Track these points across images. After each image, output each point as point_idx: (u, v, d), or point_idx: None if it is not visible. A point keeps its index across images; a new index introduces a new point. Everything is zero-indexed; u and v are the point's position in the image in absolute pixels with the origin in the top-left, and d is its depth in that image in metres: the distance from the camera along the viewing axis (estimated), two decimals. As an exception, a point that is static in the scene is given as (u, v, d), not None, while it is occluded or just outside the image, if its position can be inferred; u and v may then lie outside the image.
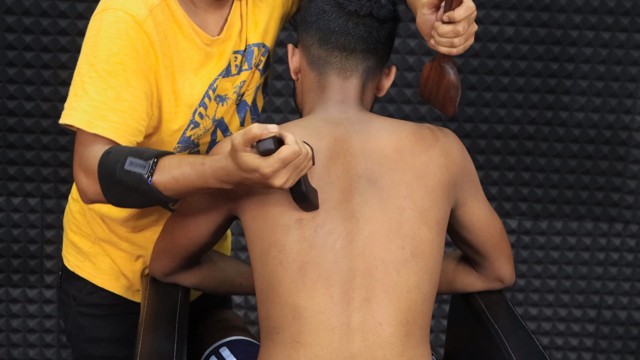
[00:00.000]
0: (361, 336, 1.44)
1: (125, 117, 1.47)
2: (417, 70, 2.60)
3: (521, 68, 2.63)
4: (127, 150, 1.42)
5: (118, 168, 1.40)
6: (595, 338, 2.85)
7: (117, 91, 1.47)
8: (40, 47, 2.49)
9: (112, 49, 1.47)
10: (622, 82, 2.65)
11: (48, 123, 2.55)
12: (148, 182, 1.39)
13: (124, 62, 1.47)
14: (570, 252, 2.79)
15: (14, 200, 2.61)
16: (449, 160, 1.55)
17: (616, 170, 2.72)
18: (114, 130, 1.47)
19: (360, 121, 1.57)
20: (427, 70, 1.58)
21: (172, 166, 1.40)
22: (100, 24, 1.48)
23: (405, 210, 1.48)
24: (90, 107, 1.46)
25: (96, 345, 1.78)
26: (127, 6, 1.48)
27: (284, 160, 1.30)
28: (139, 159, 1.40)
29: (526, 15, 2.58)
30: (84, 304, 1.77)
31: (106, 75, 1.46)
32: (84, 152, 1.47)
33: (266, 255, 1.47)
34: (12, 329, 2.70)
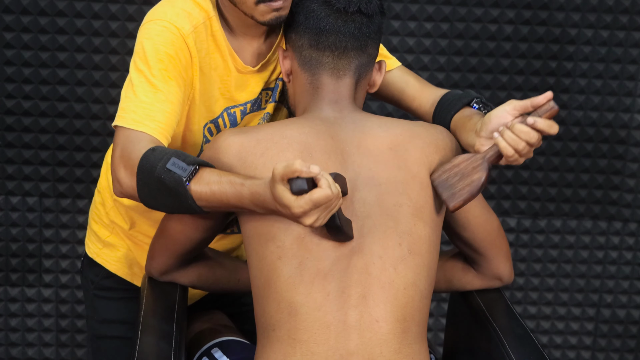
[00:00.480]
0: (358, 333, 1.44)
1: (170, 119, 1.56)
2: (415, 68, 2.60)
3: (520, 66, 2.63)
4: (172, 151, 1.47)
5: (160, 165, 1.45)
6: (594, 336, 2.85)
7: (165, 94, 1.56)
8: (38, 45, 2.49)
9: (159, 55, 1.56)
10: (620, 80, 2.65)
11: (46, 122, 2.55)
12: (185, 186, 1.44)
13: (169, 69, 1.57)
14: (569, 250, 2.79)
15: (12, 199, 2.61)
16: (445, 157, 1.56)
17: (615, 169, 2.72)
18: (160, 130, 1.54)
19: (355, 120, 1.58)
20: (461, 159, 1.53)
21: (212, 178, 1.45)
22: (148, 33, 1.59)
23: (402, 207, 1.49)
24: (139, 107, 1.55)
25: (108, 325, 1.90)
26: (174, 19, 1.59)
27: (315, 203, 1.33)
28: (182, 162, 1.45)
29: (525, 13, 2.58)
30: (100, 287, 1.90)
31: (154, 79, 1.56)
32: (127, 146, 1.53)
33: (264, 249, 1.48)
34: (10, 328, 2.70)
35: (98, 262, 1.89)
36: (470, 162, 1.52)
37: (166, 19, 1.59)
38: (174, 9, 1.60)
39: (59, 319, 2.70)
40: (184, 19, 1.59)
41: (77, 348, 2.72)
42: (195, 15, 1.60)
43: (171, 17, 1.59)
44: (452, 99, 1.70)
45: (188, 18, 1.60)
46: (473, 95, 1.69)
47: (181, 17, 1.59)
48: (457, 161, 1.53)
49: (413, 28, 2.57)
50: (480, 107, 1.67)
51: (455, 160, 1.53)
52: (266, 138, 1.51)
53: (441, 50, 2.60)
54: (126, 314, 1.88)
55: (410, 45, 2.59)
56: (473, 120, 1.60)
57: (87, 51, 2.50)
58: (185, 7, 1.61)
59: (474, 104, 1.67)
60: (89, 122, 2.55)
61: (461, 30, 2.59)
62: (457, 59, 2.61)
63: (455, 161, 1.53)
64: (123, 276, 1.88)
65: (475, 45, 2.60)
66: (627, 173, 2.72)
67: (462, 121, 1.63)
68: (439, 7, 2.56)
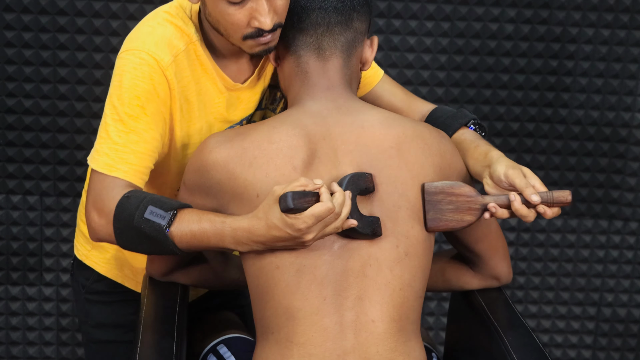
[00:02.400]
0: (354, 333, 1.45)
1: (143, 159, 1.54)
2: (416, 68, 2.60)
3: (520, 65, 2.63)
4: (148, 198, 1.46)
5: (137, 214, 1.45)
6: (595, 335, 2.85)
7: (138, 134, 1.53)
8: (38, 44, 2.49)
9: (135, 91, 1.53)
10: (621, 79, 2.65)
11: (47, 121, 2.55)
12: (165, 233, 1.44)
13: (146, 105, 1.53)
14: (569, 249, 2.79)
15: (13, 198, 2.61)
16: (444, 161, 1.53)
17: (616, 168, 2.72)
18: (133, 172, 1.53)
19: (352, 111, 1.53)
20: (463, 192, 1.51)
21: (192, 220, 1.45)
22: (126, 65, 1.54)
23: (400, 209, 1.48)
24: (112, 150, 1.53)
25: (102, 330, 1.86)
26: (152, 50, 1.54)
27: (317, 217, 1.35)
28: (160, 209, 1.45)
29: (526, 12, 2.58)
30: (91, 291, 1.85)
31: (127, 119, 1.53)
32: (100, 192, 1.52)
33: (261, 260, 1.47)
34: (11, 327, 2.70)
35: (87, 264, 1.84)
36: (470, 201, 1.51)
37: (144, 49, 1.54)
38: (153, 37, 1.55)
39: (60, 318, 2.70)
40: (163, 48, 1.55)
41: (77, 347, 2.72)
42: (176, 42, 1.56)
43: (150, 47, 1.54)
44: (446, 116, 1.69)
45: (168, 47, 1.55)
46: (469, 117, 1.68)
47: (160, 47, 1.55)
48: (459, 191, 1.50)
49: (414, 27, 2.57)
50: (476, 128, 1.67)
51: (458, 189, 1.51)
52: (253, 145, 1.47)
53: (442, 49, 2.60)
54: (119, 317, 1.85)
55: (411, 44, 2.59)
56: (480, 149, 1.59)
57: (88, 50, 2.50)
58: (165, 33, 1.56)
59: (470, 124, 1.67)
60: (89, 120, 2.55)
61: (462, 29, 2.59)
62: (458, 57, 2.60)
63: (456, 190, 1.51)
64: (114, 278, 1.83)
65: (476, 44, 2.60)
66: (627, 172, 2.72)
67: (465, 145, 1.62)
68: (439, 6, 2.56)
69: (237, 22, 1.49)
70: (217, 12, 1.50)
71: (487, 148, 1.59)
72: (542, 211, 1.47)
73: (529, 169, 1.51)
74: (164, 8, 1.62)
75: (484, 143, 1.61)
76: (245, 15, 1.49)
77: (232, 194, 1.48)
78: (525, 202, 1.47)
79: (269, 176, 1.45)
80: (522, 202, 1.47)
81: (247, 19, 1.49)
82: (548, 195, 1.47)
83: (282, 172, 1.45)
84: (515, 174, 1.49)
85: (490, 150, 1.58)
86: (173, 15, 1.59)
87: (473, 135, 1.65)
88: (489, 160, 1.55)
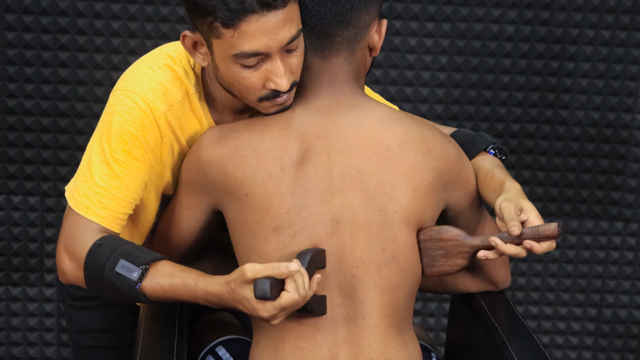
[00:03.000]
0: (345, 328, 1.47)
1: (122, 205, 1.53)
2: (417, 69, 2.60)
3: (521, 66, 2.63)
4: (119, 250, 1.46)
5: (107, 267, 1.45)
6: (596, 336, 2.85)
7: (122, 179, 1.51)
8: (40, 45, 2.49)
9: (124, 136, 1.50)
10: (622, 80, 2.65)
11: (48, 121, 2.55)
12: (136, 288, 1.45)
13: (133, 151, 1.51)
14: (570, 250, 2.79)
15: (14, 198, 2.61)
16: (445, 166, 1.52)
17: (616, 169, 2.71)
18: (110, 218, 1.52)
19: (353, 108, 1.51)
20: (451, 236, 1.50)
21: (163, 276, 1.45)
22: (118, 106, 1.52)
23: (388, 213, 1.47)
24: (92, 191, 1.51)
25: (86, 335, 1.85)
26: (148, 95, 1.52)
27: (283, 308, 1.36)
28: (131, 264, 1.45)
29: (526, 13, 2.58)
30: (75, 297, 1.83)
31: (113, 162, 1.51)
32: (73, 235, 1.51)
33: (247, 258, 1.49)
34: (12, 328, 2.70)
35: None
36: (459, 244, 1.51)
37: (140, 93, 1.51)
38: (151, 82, 1.52)
39: (61, 319, 2.70)
40: (159, 96, 1.52)
41: (78, 347, 2.73)
42: (173, 92, 1.53)
43: (146, 92, 1.51)
44: (465, 141, 1.65)
45: (164, 95, 1.52)
46: (489, 141, 1.65)
47: (156, 94, 1.52)
48: (446, 236, 1.50)
49: (415, 28, 2.57)
50: (496, 152, 1.65)
51: (445, 234, 1.50)
52: (244, 144, 1.48)
53: (443, 50, 2.60)
54: (104, 322, 1.83)
55: (412, 45, 2.59)
56: (495, 180, 1.56)
57: (88, 50, 2.50)
58: (164, 80, 1.53)
59: (490, 149, 1.65)
60: (90, 121, 2.55)
61: (463, 30, 2.59)
62: (459, 58, 2.60)
63: (444, 235, 1.50)
64: None
65: (477, 45, 2.60)
66: (628, 173, 2.72)
67: (482, 174, 1.59)
68: (440, 7, 2.56)
69: (252, 85, 1.46)
70: (230, 76, 1.47)
71: (502, 178, 1.56)
72: (529, 247, 1.44)
73: (529, 203, 1.47)
74: (168, 51, 1.58)
75: (500, 172, 1.58)
76: (260, 78, 1.45)
77: (225, 192, 1.49)
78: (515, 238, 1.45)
79: (258, 176, 1.46)
80: (507, 241, 1.45)
81: (262, 81, 1.46)
82: (533, 231, 1.43)
83: (269, 172, 1.46)
84: (505, 207, 1.47)
85: (505, 181, 1.55)
86: (175, 62, 1.55)
87: (491, 162, 1.62)
88: (501, 192, 1.53)
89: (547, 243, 1.45)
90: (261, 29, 1.40)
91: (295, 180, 1.46)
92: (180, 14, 2.49)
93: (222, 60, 1.45)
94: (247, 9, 1.38)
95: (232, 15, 1.38)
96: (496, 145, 1.65)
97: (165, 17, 2.49)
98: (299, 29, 1.45)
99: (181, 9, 2.49)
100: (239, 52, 1.42)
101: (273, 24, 1.40)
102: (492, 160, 1.63)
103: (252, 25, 1.39)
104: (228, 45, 1.42)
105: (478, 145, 1.65)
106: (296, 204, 1.45)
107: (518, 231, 1.43)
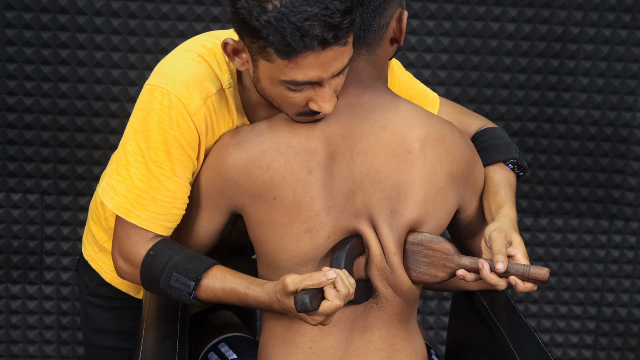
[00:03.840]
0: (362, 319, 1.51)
1: (165, 207, 1.50)
2: (417, 67, 2.60)
3: (522, 65, 2.62)
4: (172, 263, 1.47)
5: (162, 280, 1.47)
6: (596, 335, 2.85)
7: (161, 181, 1.49)
8: (39, 43, 2.48)
9: (160, 136, 1.47)
10: (623, 79, 2.65)
11: (48, 119, 2.54)
12: (190, 298, 1.48)
13: (171, 151, 1.47)
14: (570, 249, 2.79)
15: (14, 196, 2.61)
16: (458, 169, 1.53)
17: (617, 168, 2.71)
18: (151, 221, 1.50)
19: (377, 109, 1.51)
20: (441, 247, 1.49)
21: (216, 284, 1.47)
22: (152, 104, 1.47)
23: (397, 214, 1.49)
24: (131, 193, 1.49)
25: (101, 335, 1.83)
26: (181, 92, 1.47)
27: (327, 314, 1.37)
28: (184, 277, 1.46)
29: (527, 12, 2.58)
30: (94, 294, 1.82)
31: (152, 164, 1.48)
32: (123, 240, 1.52)
33: (276, 258, 1.50)
34: (11, 326, 2.70)
35: (93, 267, 1.80)
36: (446, 258, 1.49)
37: (173, 90, 1.46)
38: (184, 77, 1.47)
39: (60, 317, 2.70)
40: (193, 91, 1.47)
41: (78, 346, 2.72)
42: (208, 85, 1.48)
43: (179, 88, 1.46)
44: (488, 144, 1.63)
45: (198, 89, 1.47)
46: (511, 155, 1.62)
47: (190, 89, 1.46)
48: (437, 247, 1.49)
49: (415, 26, 2.57)
50: (514, 168, 1.62)
51: (436, 245, 1.49)
52: (272, 148, 1.47)
53: (443, 48, 2.59)
54: (120, 324, 1.83)
55: (412, 43, 2.59)
56: (497, 199, 1.55)
57: (88, 48, 2.49)
58: (197, 73, 1.48)
59: (509, 163, 1.62)
60: (90, 119, 2.55)
61: (463, 29, 2.58)
62: (459, 57, 2.60)
63: (435, 245, 1.49)
64: (118, 286, 1.80)
65: (477, 44, 2.60)
66: (629, 172, 2.72)
67: (489, 186, 1.58)
68: (441, 5, 2.56)
69: (295, 104, 1.43)
70: (273, 92, 1.43)
71: (503, 200, 1.55)
72: (513, 283, 1.42)
73: (519, 239, 1.46)
74: (202, 40, 1.54)
75: (505, 191, 1.56)
76: (305, 98, 1.41)
77: (250, 195, 1.49)
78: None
79: (286, 180, 1.46)
80: (491, 270, 1.43)
81: (306, 101, 1.42)
82: (524, 269, 1.41)
83: (298, 176, 1.46)
84: (496, 238, 1.45)
85: (504, 205, 1.54)
86: (209, 54, 1.51)
87: (502, 176, 1.60)
88: (496, 215, 1.52)
89: (531, 284, 1.43)
90: (317, 62, 1.35)
91: (322, 182, 1.47)
92: (180, 11, 2.49)
93: (267, 79, 1.41)
94: (308, 46, 1.32)
95: (289, 50, 1.33)
96: (516, 162, 1.62)
97: (165, 14, 2.48)
98: (351, 55, 1.41)
99: (181, 6, 2.48)
100: (290, 80, 1.38)
101: (330, 57, 1.35)
102: (505, 174, 1.61)
103: (308, 59, 1.34)
104: (278, 71, 1.37)
105: (499, 155, 1.62)
106: (325, 205, 1.46)
107: (503, 268, 1.41)
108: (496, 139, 1.65)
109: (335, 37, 1.32)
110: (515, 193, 1.60)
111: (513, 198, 1.57)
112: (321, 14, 1.30)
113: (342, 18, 1.32)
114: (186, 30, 2.49)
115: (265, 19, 1.31)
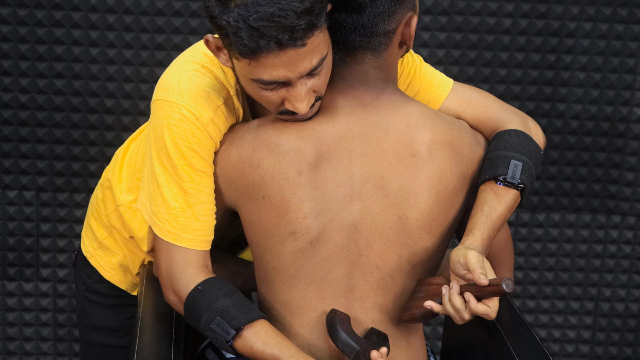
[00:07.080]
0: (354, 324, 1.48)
1: (206, 222, 1.49)
2: (414, 62, 2.59)
3: (518, 60, 2.62)
4: (217, 305, 1.43)
5: (204, 319, 1.44)
6: (593, 330, 2.85)
7: (195, 196, 1.47)
8: (34, 39, 2.48)
9: (181, 151, 1.45)
10: (619, 73, 2.65)
11: (43, 115, 2.54)
12: (227, 346, 1.44)
13: (194, 163, 1.46)
14: (567, 244, 2.79)
15: (9, 193, 2.60)
16: (469, 169, 1.50)
17: (614, 162, 2.71)
18: (198, 240, 1.49)
19: (380, 109, 1.47)
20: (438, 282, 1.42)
21: (257, 342, 1.43)
22: (166, 119, 1.45)
23: (408, 220, 1.45)
24: (172, 216, 1.47)
25: (97, 332, 1.82)
26: (191, 105, 1.44)
27: None
28: (227, 324, 1.43)
29: (523, 6, 2.57)
30: (91, 290, 1.81)
31: (181, 181, 1.46)
32: (173, 269, 1.49)
33: (261, 257, 1.49)
34: (8, 323, 2.70)
35: (92, 263, 1.80)
36: (439, 291, 1.40)
37: (183, 104, 1.44)
38: (191, 89, 1.45)
39: (57, 314, 2.70)
40: (202, 103, 1.45)
41: (74, 342, 2.72)
42: (215, 96, 1.47)
43: (188, 101, 1.44)
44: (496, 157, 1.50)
45: (207, 101, 1.45)
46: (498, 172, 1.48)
47: (199, 102, 1.44)
48: (436, 281, 1.42)
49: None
50: (507, 184, 1.49)
51: (435, 279, 1.43)
52: (262, 146, 1.45)
53: (439, 43, 2.59)
54: (117, 321, 1.81)
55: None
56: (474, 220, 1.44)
57: (84, 44, 2.49)
58: (204, 84, 1.46)
59: (498, 180, 1.48)
60: (86, 115, 2.54)
61: (459, 24, 2.58)
62: (456, 52, 2.60)
63: (435, 279, 1.43)
64: (116, 283, 1.79)
65: (473, 39, 2.59)
66: (625, 167, 2.72)
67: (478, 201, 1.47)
68: (437, 0, 2.56)
69: (271, 102, 1.41)
70: (250, 90, 1.42)
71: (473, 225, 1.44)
72: (467, 299, 1.35)
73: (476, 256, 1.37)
74: (202, 49, 1.50)
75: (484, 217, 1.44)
76: (279, 97, 1.39)
77: (241, 193, 1.48)
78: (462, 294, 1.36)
79: (275, 179, 1.44)
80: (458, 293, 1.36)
81: (280, 100, 1.40)
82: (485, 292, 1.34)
83: (287, 175, 1.43)
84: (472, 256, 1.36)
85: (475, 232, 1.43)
86: (212, 62, 1.49)
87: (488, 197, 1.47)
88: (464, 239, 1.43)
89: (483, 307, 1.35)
90: (280, 62, 1.33)
91: (313, 183, 1.43)
92: (176, 7, 2.48)
93: (242, 76, 1.40)
94: (264, 47, 1.30)
95: (247, 50, 1.31)
96: (506, 179, 1.49)
97: (161, 10, 2.48)
98: (323, 57, 1.36)
99: (176, 2, 2.48)
100: (257, 79, 1.36)
101: (293, 57, 1.32)
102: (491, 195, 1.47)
103: (270, 59, 1.32)
104: (247, 70, 1.36)
105: (492, 172, 1.49)
106: (314, 209, 1.43)
107: (486, 282, 1.32)
108: (496, 150, 1.52)
109: (291, 38, 1.30)
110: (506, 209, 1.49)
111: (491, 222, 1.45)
112: (276, 14, 1.28)
113: (297, 19, 1.28)
114: (181, 26, 2.49)
115: (226, 19, 1.30)
